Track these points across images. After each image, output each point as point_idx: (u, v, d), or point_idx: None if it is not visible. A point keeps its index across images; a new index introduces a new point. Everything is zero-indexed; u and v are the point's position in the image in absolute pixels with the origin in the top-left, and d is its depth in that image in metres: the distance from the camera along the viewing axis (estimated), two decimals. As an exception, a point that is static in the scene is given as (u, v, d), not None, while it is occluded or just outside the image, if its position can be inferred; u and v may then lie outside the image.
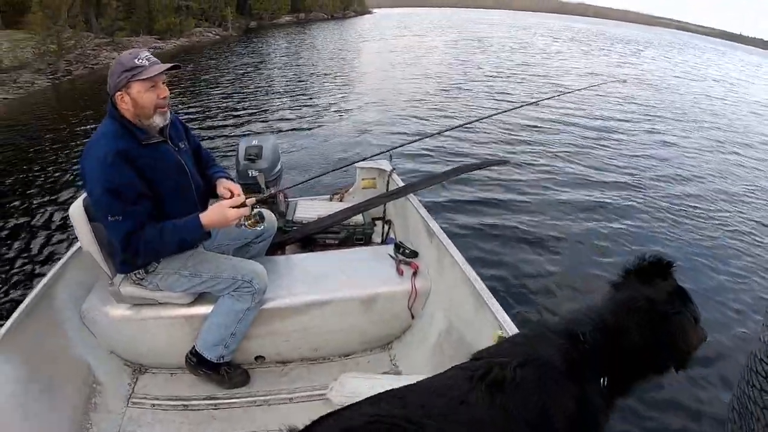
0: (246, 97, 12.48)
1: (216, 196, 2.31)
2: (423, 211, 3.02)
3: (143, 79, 1.89)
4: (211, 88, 14.02)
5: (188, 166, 2.17)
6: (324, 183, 4.64)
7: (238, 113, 10.98)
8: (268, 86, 14.02)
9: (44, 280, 2.27)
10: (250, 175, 3.39)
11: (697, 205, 6.46)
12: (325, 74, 16.07)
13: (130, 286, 2.25)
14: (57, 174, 7.09)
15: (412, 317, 2.71)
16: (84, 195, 2.12)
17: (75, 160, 7.65)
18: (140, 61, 1.90)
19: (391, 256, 2.82)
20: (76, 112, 11.46)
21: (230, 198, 2.14)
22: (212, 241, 2.43)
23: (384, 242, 3.37)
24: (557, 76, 17.33)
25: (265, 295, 2.33)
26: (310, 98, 12.38)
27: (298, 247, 3.28)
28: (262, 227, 2.14)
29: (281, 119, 10.44)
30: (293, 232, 3.19)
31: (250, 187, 3.39)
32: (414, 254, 2.81)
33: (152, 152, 2.00)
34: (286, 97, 12.48)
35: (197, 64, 19.10)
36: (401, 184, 3.44)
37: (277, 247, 3.09)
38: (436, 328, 2.58)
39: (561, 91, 10.97)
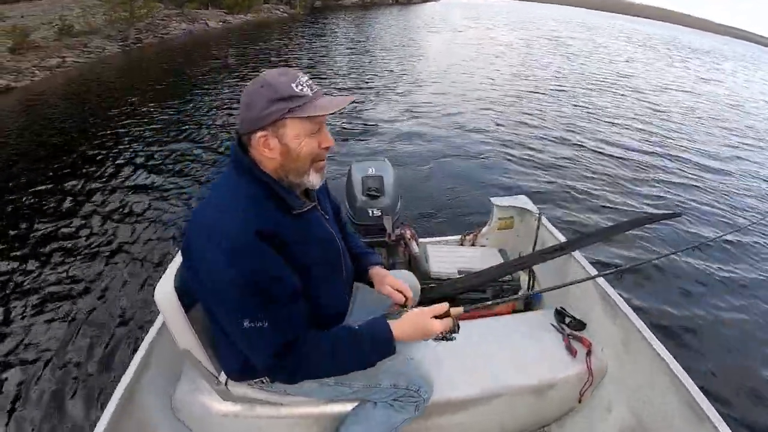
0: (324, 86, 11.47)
1: (359, 280, 1.76)
2: (591, 270, 2.46)
3: (306, 118, 1.26)
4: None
5: (341, 242, 1.57)
6: (445, 215, 4.01)
7: None
8: (347, 74, 13.03)
9: (128, 375, 1.76)
10: (372, 215, 2.82)
11: None
12: (399, 68, 14.81)
13: (246, 387, 1.71)
14: (128, 151, 6.79)
15: (579, 401, 2.23)
16: (172, 270, 1.54)
17: (146, 135, 7.41)
18: (301, 88, 1.26)
19: (554, 327, 2.37)
20: (146, 80, 11.36)
21: (402, 305, 1.63)
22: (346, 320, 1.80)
23: (532, 298, 2.83)
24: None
25: None
26: (399, 99, 10.80)
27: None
28: (454, 338, 1.51)
29: (370, 121, 8.75)
30: (434, 292, 2.60)
31: (370, 230, 2.83)
32: (581, 325, 2.36)
33: (303, 226, 1.38)
34: (373, 92, 11.18)
35: (267, 42, 18.70)
36: (555, 231, 2.84)
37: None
38: (615, 421, 2.10)
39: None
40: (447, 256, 2.82)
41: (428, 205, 5.05)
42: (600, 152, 8.03)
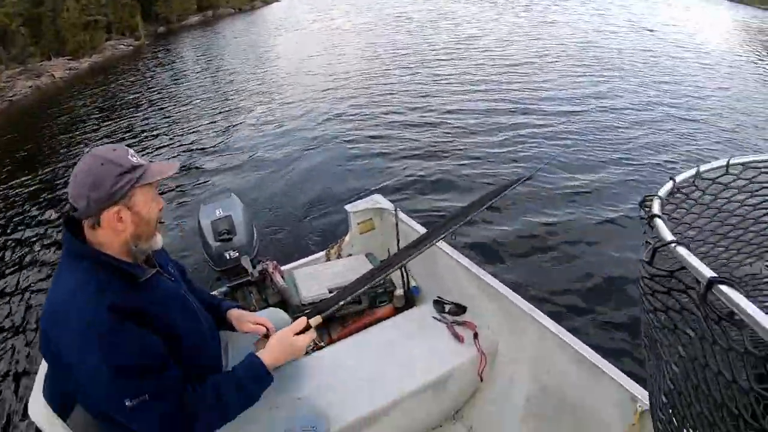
0: (173, 124, 10.67)
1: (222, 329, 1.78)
2: (457, 255, 2.55)
3: (149, 184, 1.35)
4: (129, 112, 12.39)
5: (191, 299, 1.58)
6: (305, 234, 3.96)
7: (165, 146, 9.05)
8: (192, 107, 12.13)
9: None
10: (229, 258, 2.73)
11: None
12: (251, 81, 14.32)
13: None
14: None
15: (481, 380, 2.32)
16: (40, 380, 1.56)
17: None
18: (136, 159, 1.35)
19: (436, 319, 2.43)
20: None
21: (265, 336, 1.65)
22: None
23: (409, 294, 2.83)
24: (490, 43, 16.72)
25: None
26: (244, 116, 10.46)
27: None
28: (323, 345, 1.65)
29: (216, 151, 8.29)
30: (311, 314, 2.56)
31: (232, 273, 2.75)
32: (462, 309, 2.43)
33: (152, 292, 1.39)
34: (219, 116, 10.71)
35: (116, 82, 17.49)
36: (414, 224, 2.89)
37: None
38: (520, 391, 2.21)
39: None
40: (315, 277, 2.80)
41: (287, 228, 4.95)
42: (447, 125, 8.23)
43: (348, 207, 3.12)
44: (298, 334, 1.51)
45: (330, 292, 2.63)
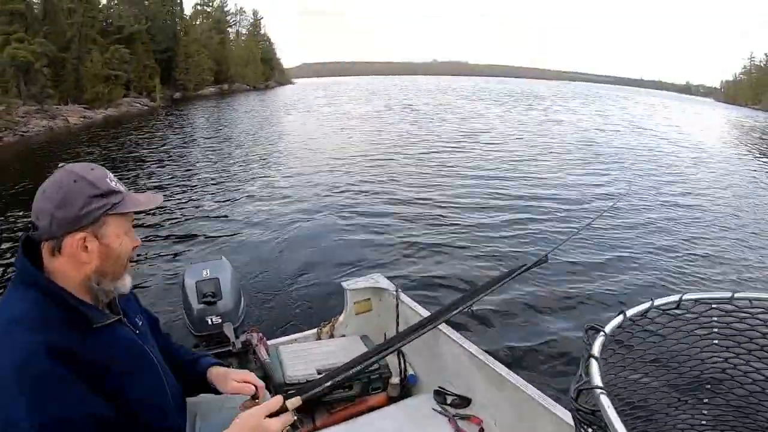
0: (175, 183, 10.64)
1: (201, 390, 1.52)
2: (461, 340, 2.30)
3: (124, 215, 1.17)
4: (135, 165, 12.62)
5: (157, 358, 1.33)
6: (296, 308, 3.70)
7: (164, 204, 8.55)
8: (197, 170, 12.22)
9: None
10: (211, 323, 2.47)
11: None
12: (257, 153, 14.59)
13: None
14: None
15: None
16: None
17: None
18: (115, 184, 1.16)
19: (437, 411, 2.18)
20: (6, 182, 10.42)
21: (253, 397, 1.39)
22: None
23: (405, 382, 2.57)
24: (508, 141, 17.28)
25: None
26: (246, 185, 10.52)
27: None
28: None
29: (213, 216, 8.12)
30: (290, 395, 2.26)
31: (212, 340, 2.47)
32: (466, 402, 2.20)
33: (107, 343, 1.15)
34: (221, 182, 10.73)
35: (127, 136, 18.03)
36: (416, 306, 2.66)
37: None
38: None
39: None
40: (303, 356, 2.52)
41: (277, 300, 4.64)
42: (453, 209, 8.27)
43: (345, 284, 2.91)
44: (271, 416, 1.23)
45: (319, 373, 2.35)
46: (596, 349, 0.77)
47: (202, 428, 1.52)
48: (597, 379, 0.71)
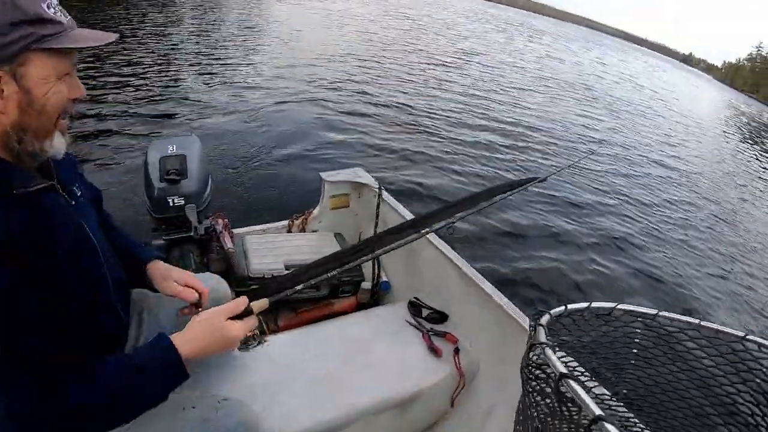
0: (154, 58, 9.41)
1: (137, 285, 1.31)
2: (446, 249, 2.14)
3: (59, 53, 0.90)
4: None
5: (97, 237, 1.09)
6: (268, 197, 3.46)
7: (132, 82, 7.57)
8: (179, 50, 10.71)
9: None
10: (173, 204, 2.26)
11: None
12: (244, 39, 13.28)
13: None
14: None
15: (452, 406, 1.91)
16: None
17: None
18: (54, 11, 0.88)
19: (410, 324, 2.03)
20: None
21: (196, 305, 1.25)
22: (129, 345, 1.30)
23: (377, 287, 2.41)
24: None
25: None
26: (229, 69, 9.52)
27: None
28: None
29: (190, 91, 7.27)
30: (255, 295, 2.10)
31: (172, 223, 2.27)
32: (443, 317, 2.06)
33: (35, 214, 0.92)
34: (204, 63, 9.67)
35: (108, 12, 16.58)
36: (399, 207, 2.47)
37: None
38: (498, 425, 1.78)
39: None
40: (271, 248, 2.36)
41: (248, 187, 4.30)
42: (441, 121, 8.02)
43: (324, 175, 2.69)
44: (234, 318, 1.06)
45: (286, 268, 2.20)
46: (543, 320, 0.87)
47: (149, 326, 1.33)
48: (542, 336, 0.81)
